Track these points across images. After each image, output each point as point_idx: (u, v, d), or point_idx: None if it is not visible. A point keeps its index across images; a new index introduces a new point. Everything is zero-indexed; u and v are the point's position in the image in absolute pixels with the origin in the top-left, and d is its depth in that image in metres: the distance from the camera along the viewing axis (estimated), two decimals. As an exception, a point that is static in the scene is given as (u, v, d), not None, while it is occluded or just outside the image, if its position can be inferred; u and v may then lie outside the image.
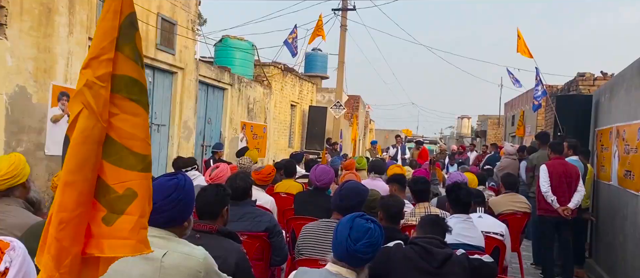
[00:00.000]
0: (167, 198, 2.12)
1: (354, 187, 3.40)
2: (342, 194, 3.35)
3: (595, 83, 9.90)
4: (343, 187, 3.39)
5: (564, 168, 6.11)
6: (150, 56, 8.28)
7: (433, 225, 2.94)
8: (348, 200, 3.31)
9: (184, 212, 2.18)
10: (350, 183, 3.46)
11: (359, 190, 3.41)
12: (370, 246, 2.19)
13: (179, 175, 2.22)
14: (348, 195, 3.33)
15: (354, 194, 3.36)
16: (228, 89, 11.47)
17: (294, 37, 13.63)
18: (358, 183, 3.55)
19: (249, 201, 3.88)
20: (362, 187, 3.49)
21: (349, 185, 3.41)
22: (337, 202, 3.35)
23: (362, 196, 3.41)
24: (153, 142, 8.71)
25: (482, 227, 4.55)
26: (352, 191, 3.36)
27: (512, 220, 6.02)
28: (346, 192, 3.35)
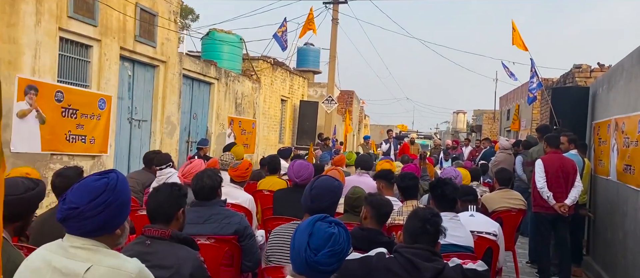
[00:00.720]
0: (93, 202, 1.79)
1: (325, 184, 3.01)
2: (313, 194, 2.97)
3: (592, 75, 9.67)
4: (314, 186, 3.01)
5: (561, 162, 5.85)
6: (129, 48, 7.93)
7: (422, 234, 2.52)
8: (320, 201, 2.95)
9: (114, 217, 1.85)
10: (321, 180, 3.05)
11: (332, 187, 3.02)
12: (334, 256, 1.86)
13: (110, 174, 1.89)
14: (320, 195, 2.96)
15: (327, 192, 2.99)
16: (214, 84, 11.11)
17: (284, 31, 13.27)
18: (330, 178, 3.12)
19: (218, 201, 3.55)
20: (334, 183, 3.09)
21: (320, 182, 3.02)
22: (308, 203, 2.98)
23: (336, 194, 3.04)
24: (134, 138, 8.37)
25: (473, 227, 4.27)
26: (324, 189, 2.98)
27: (507, 218, 5.76)
28: (318, 192, 2.97)
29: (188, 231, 3.39)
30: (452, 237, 3.59)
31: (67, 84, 6.82)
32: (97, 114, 7.19)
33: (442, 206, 3.72)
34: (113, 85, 7.59)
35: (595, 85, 7.77)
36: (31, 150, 6.07)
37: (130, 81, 8.32)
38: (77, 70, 7.11)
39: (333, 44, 16.63)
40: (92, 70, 7.25)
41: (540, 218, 5.97)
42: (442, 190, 3.72)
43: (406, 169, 6.50)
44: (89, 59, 7.24)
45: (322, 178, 3.02)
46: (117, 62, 7.68)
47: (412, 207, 4.55)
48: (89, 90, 7.19)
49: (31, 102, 5.99)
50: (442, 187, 3.74)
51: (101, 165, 7.44)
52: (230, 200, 4.93)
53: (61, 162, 6.62)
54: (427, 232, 2.51)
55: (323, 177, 3.05)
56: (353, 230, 3.48)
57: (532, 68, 9.28)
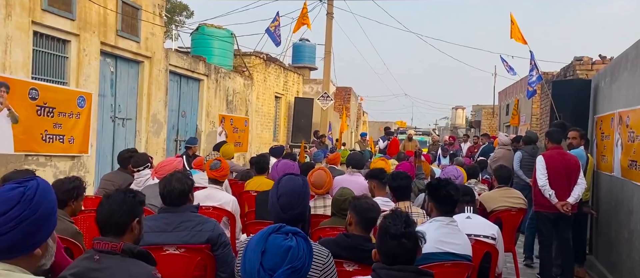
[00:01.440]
0: (5, 216, 1.47)
1: (291, 188, 2.62)
2: (283, 203, 2.61)
3: (594, 67, 9.43)
4: (281, 194, 2.63)
5: (563, 159, 5.60)
6: (110, 43, 7.59)
7: (400, 253, 2.15)
8: (293, 209, 2.60)
9: (31, 235, 1.53)
10: (285, 185, 2.65)
11: (299, 190, 2.64)
12: (294, 273, 1.54)
13: (29, 182, 1.57)
14: (291, 203, 2.59)
15: (296, 197, 2.63)
16: (204, 80, 10.78)
17: (277, 26, 12.93)
18: (293, 178, 2.72)
19: (189, 207, 3.23)
20: (298, 182, 2.69)
21: (285, 188, 2.62)
22: (280, 215, 2.61)
23: (304, 196, 2.66)
24: (118, 137, 8.05)
25: (470, 230, 3.98)
26: (293, 195, 2.60)
27: (506, 217, 5.53)
28: (287, 200, 2.59)
29: (155, 240, 3.10)
30: (449, 245, 3.30)
31: (42, 80, 6.48)
32: (76, 112, 6.86)
33: (443, 210, 3.40)
34: (93, 82, 7.25)
35: (598, 77, 7.54)
36: (2, 151, 5.74)
37: (113, 78, 7.98)
38: (54, 66, 6.77)
39: (328, 38, 16.30)
40: (70, 66, 6.90)
41: (541, 217, 5.73)
42: (447, 191, 3.37)
43: (400, 167, 6.17)
44: (66, 55, 6.90)
45: (286, 182, 2.65)
46: (97, 57, 7.34)
47: (405, 208, 4.27)
48: (67, 87, 6.85)
49: (2, 100, 5.66)
50: (446, 188, 3.39)
51: (82, 166, 7.11)
52: (211, 202, 4.64)
53: (37, 163, 6.30)
54: (405, 250, 2.15)
55: (285, 178, 2.69)
56: (337, 237, 3.19)
57: (531, 60, 9.00)
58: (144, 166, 5.36)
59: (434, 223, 3.37)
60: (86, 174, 7.16)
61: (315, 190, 4.72)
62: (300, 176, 2.66)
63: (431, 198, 3.47)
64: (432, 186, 3.48)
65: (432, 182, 3.54)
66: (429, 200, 3.50)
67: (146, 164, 5.41)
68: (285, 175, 2.69)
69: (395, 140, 14.65)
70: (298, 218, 2.59)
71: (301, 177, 2.66)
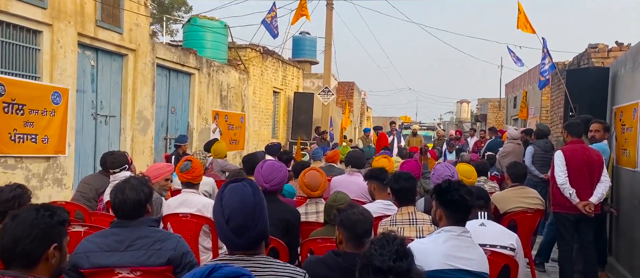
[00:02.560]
0: None
1: (241, 203, 1.94)
2: (233, 225, 1.92)
3: (610, 55, 8.85)
4: (229, 216, 1.93)
5: (584, 154, 5.08)
6: (89, 34, 7.04)
7: None
8: (249, 232, 1.95)
9: None
10: (230, 199, 1.95)
11: (251, 206, 1.96)
12: None
13: None
14: (245, 225, 1.92)
15: (249, 214, 1.95)
16: (195, 74, 10.21)
17: (273, 17, 12.36)
18: (241, 189, 1.99)
19: (146, 220, 2.67)
20: (249, 192, 1.99)
21: (231, 202, 1.94)
22: (233, 240, 1.95)
23: (260, 211, 1.98)
24: (100, 136, 7.53)
25: (485, 239, 3.44)
26: (244, 212, 1.94)
27: (522, 220, 5.04)
28: (240, 222, 1.92)
29: (104, 261, 2.55)
30: (461, 260, 2.74)
31: (10, 75, 5.93)
32: (51, 109, 6.31)
33: (455, 218, 2.82)
34: (70, 77, 6.70)
35: (616, 65, 7.01)
36: (-37, 153, 5.22)
37: (93, 72, 7.43)
38: (24, 59, 6.21)
39: (328, 30, 15.72)
40: (43, 59, 6.35)
41: (561, 219, 5.23)
42: (461, 197, 2.77)
43: (405, 166, 5.63)
44: (38, 47, 6.34)
45: (232, 196, 1.96)
46: (74, 50, 6.78)
47: (408, 214, 3.72)
48: (39, 82, 6.31)
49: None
50: (459, 192, 2.78)
51: (58, 167, 6.57)
52: (187, 209, 4.11)
53: (5, 166, 5.77)
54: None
55: (229, 190, 1.97)
56: (325, 256, 2.67)
57: (544, 48, 8.43)
58: (120, 168, 4.83)
59: (442, 234, 2.81)
60: (64, 176, 6.63)
61: (311, 192, 4.19)
62: (246, 181, 2.03)
63: (440, 203, 2.89)
64: (441, 189, 2.89)
65: (441, 184, 2.96)
66: (437, 206, 2.92)
67: (124, 165, 4.88)
68: (229, 184, 2.01)
69: (382, 135, 14.10)
70: (258, 239, 2.01)
71: (248, 182, 2.03)
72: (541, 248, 6.41)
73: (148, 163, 8.46)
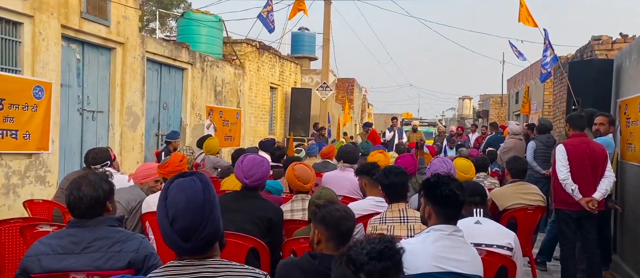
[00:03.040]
0: None
1: (187, 202, 1.70)
2: (179, 227, 1.67)
3: (614, 47, 8.61)
4: (173, 216, 1.68)
5: (588, 148, 4.84)
6: (74, 27, 6.80)
7: None
8: (198, 234, 1.67)
9: None
10: (176, 194, 1.71)
11: (202, 202, 1.72)
12: None
13: None
14: (193, 227, 1.66)
15: (198, 213, 1.70)
16: (188, 69, 9.97)
17: (269, 11, 12.12)
18: (188, 187, 1.73)
19: (105, 219, 2.44)
20: (198, 188, 1.74)
21: (177, 201, 1.69)
22: (176, 242, 1.70)
23: (211, 211, 1.73)
24: (87, 132, 7.31)
25: (480, 238, 3.23)
26: (191, 212, 1.68)
27: (522, 217, 4.84)
28: (186, 223, 1.67)
29: (57, 265, 2.31)
30: (452, 262, 2.53)
31: (-12, 68, 5.72)
32: (33, 104, 6.08)
33: (445, 215, 2.59)
34: (53, 70, 6.46)
35: (621, 56, 6.81)
36: None
37: (79, 66, 7.20)
38: (3, 52, 5.96)
39: (326, 25, 15.49)
40: (24, 52, 6.11)
41: (563, 216, 5.01)
42: (451, 192, 2.54)
43: (400, 160, 5.40)
44: (19, 39, 6.11)
45: (177, 193, 1.71)
46: (58, 42, 6.55)
47: (399, 212, 3.49)
48: (20, 75, 6.07)
49: None
50: (448, 186, 2.56)
51: (41, 164, 6.34)
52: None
53: (-17, 163, 5.56)
54: None
55: (174, 186, 1.70)
56: (301, 258, 2.44)
57: (545, 39, 8.18)
58: (102, 163, 4.61)
59: (432, 233, 2.58)
60: (47, 173, 6.40)
61: (303, 185, 3.96)
62: (195, 176, 1.76)
63: (428, 199, 2.65)
64: (430, 184, 2.65)
65: (429, 178, 2.72)
66: (426, 203, 2.68)
67: (106, 161, 4.65)
68: (175, 180, 1.76)
69: (373, 132, 13.89)
70: (209, 242, 1.75)
71: (198, 177, 1.76)
72: (543, 246, 6.21)
73: (138, 160, 8.24)
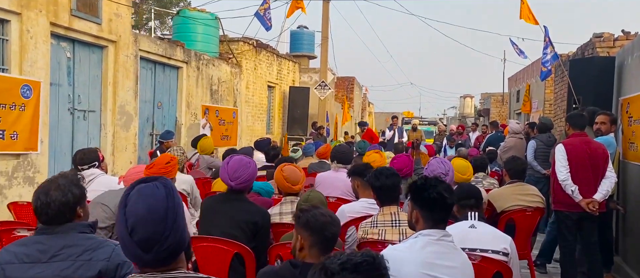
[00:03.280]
0: None
1: (147, 210, 1.54)
2: (139, 238, 1.52)
3: (616, 44, 8.47)
4: (131, 221, 1.53)
5: (588, 147, 4.71)
6: (63, 24, 6.66)
7: None
8: (160, 245, 1.50)
9: None
10: (136, 202, 1.56)
11: (165, 210, 1.56)
12: None
13: None
14: (155, 237, 1.52)
15: (160, 222, 1.54)
16: (183, 67, 9.83)
17: (266, 8, 12.00)
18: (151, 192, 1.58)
19: (75, 226, 2.30)
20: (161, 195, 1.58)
21: (137, 209, 1.54)
22: (136, 253, 1.55)
23: (174, 220, 1.57)
24: (78, 132, 7.18)
25: (475, 243, 3.10)
26: (152, 221, 1.53)
27: (521, 219, 4.72)
28: (147, 231, 1.52)
29: (21, 275, 2.18)
30: (440, 269, 2.42)
31: (-27, 66, 5.59)
32: (20, 103, 5.95)
33: (433, 219, 2.47)
34: (42, 69, 6.33)
35: (623, 54, 6.68)
36: None
37: (69, 64, 7.06)
38: (-11, 50, 5.87)
39: (325, 23, 15.36)
40: (11, 50, 5.97)
41: (562, 218, 4.88)
42: (439, 194, 2.43)
43: (396, 160, 5.28)
44: (5, 37, 5.97)
45: (138, 200, 1.56)
46: (47, 40, 6.42)
47: (391, 215, 3.36)
48: (6, 74, 5.93)
49: None
50: (436, 189, 2.44)
51: (29, 165, 6.22)
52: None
53: (-33, 164, 5.43)
54: None
55: (135, 193, 1.52)
56: (281, 267, 2.31)
57: (546, 37, 8.05)
58: (90, 164, 4.46)
59: (420, 239, 2.45)
60: (36, 174, 6.28)
61: (292, 187, 3.83)
62: (159, 181, 1.60)
63: (415, 203, 2.53)
64: (416, 187, 2.53)
65: (416, 181, 2.59)
66: (413, 207, 2.55)
67: (94, 162, 4.50)
68: (136, 186, 1.61)
69: (368, 130, 13.71)
70: (173, 252, 1.60)
71: (161, 182, 1.60)
72: (543, 248, 6.08)
73: (131, 161, 8.11)
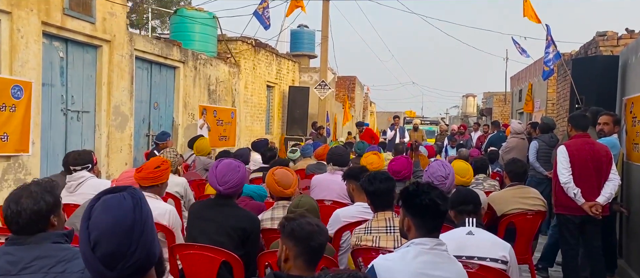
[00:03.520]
0: None
1: (113, 224, 1.40)
2: (102, 253, 1.30)
3: (620, 43, 8.31)
4: (95, 234, 1.38)
5: (591, 149, 4.58)
6: (56, 24, 6.55)
7: None
8: (124, 260, 1.39)
9: None
10: (100, 214, 1.42)
11: (130, 224, 1.41)
12: None
13: None
14: (119, 252, 1.35)
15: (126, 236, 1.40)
16: (180, 67, 9.71)
17: (265, 7, 11.85)
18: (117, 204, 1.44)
19: (49, 235, 2.17)
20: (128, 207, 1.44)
21: (101, 222, 1.39)
22: (99, 270, 1.39)
23: (141, 234, 1.43)
24: (72, 133, 7.06)
25: (472, 251, 2.97)
26: (117, 235, 1.38)
27: (521, 223, 4.58)
28: (110, 246, 1.31)
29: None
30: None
31: (-39, 67, 5.48)
32: (11, 104, 5.84)
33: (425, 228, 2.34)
34: (33, 69, 6.22)
35: (627, 52, 6.53)
36: None
37: (62, 64, 6.95)
38: (-22, 50, 5.76)
39: (325, 22, 15.20)
40: (1, 50, 5.85)
41: (564, 221, 4.74)
42: (431, 201, 2.31)
43: (394, 163, 5.15)
44: (-5, 37, 5.89)
45: (102, 212, 1.42)
46: (38, 40, 6.31)
47: (385, 221, 3.23)
48: (-4, 75, 5.85)
49: None
50: (429, 195, 2.32)
51: (20, 167, 6.11)
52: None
53: (-44, 166, 5.32)
54: None
55: (100, 205, 1.39)
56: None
57: (548, 35, 7.90)
58: (83, 166, 4.33)
59: (412, 248, 2.32)
60: (27, 177, 6.16)
61: (283, 190, 3.70)
62: (128, 191, 1.45)
63: (407, 211, 2.39)
64: (408, 193, 2.39)
65: (407, 187, 2.45)
66: (405, 214, 2.42)
67: (87, 165, 4.37)
68: (102, 197, 1.47)
69: (368, 130, 13.56)
70: (140, 268, 1.45)
71: (129, 193, 1.45)
72: (544, 251, 5.94)
73: (127, 162, 8.00)
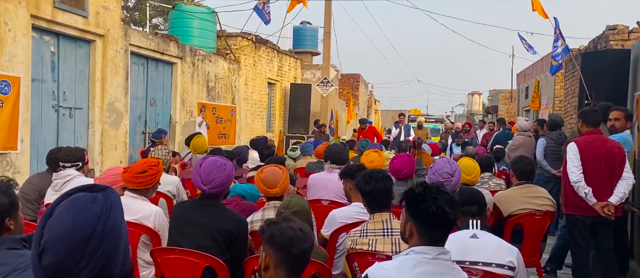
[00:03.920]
0: None
1: (68, 230, 1.15)
2: (49, 262, 1.07)
3: (631, 36, 8.01)
4: (45, 240, 1.09)
5: (603, 146, 4.34)
6: (46, 17, 6.34)
7: None
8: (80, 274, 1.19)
9: None
10: (60, 217, 1.17)
11: (91, 232, 1.17)
12: None
13: None
14: (72, 265, 1.14)
15: (81, 246, 1.09)
16: (177, 63, 9.49)
17: (265, 2, 11.63)
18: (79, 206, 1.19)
19: (3, 241, 1.95)
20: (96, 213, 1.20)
21: (57, 226, 1.15)
22: None
23: (102, 243, 1.16)
24: (64, 130, 6.86)
25: (476, 256, 2.74)
26: (73, 244, 1.06)
27: (529, 224, 4.34)
28: (59, 257, 1.05)
29: None
30: None
31: (-55, 61, 5.28)
32: (-2, 100, 5.66)
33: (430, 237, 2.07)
34: (22, 64, 6.02)
35: (638, 46, 6.24)
36: None
37: (54, 59, 6.74)
38: (-37, 44, 5.56)
39: (327, 18, 14.96)
40: (-13, 44, 5.70)
41: (575, 222, 4.51)
42: (439, 208, 2.02)
43: (395, 161, 4.90)
44: (-19, 30, 5.69)
45: (62, 214, 1.13)
46: (27, 34, 6.10)
47: (382, 223, 2.99)
48: (-18, 69, 5.65)
49: None
50: (436, 201, 2.02)
51: (9, 165, 5.91)
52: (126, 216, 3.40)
53: (-61, 164, 5.12)
54: None
55: (60, 208, 1.20)
56: None
57: (556, 29, 7.63)
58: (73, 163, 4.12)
59: (411, 257, 2.06)
60: (16, 175, 5.96)
61: (268, 190, 3.46)
62: (103, 193, 1.23)
63: (411, 216, 2.12)
64: (413, 196, 2.11)
65: (413, 189, 2.17)
66: (408, 218, 2.15)
67: (77, 163, 4.16)
68: (71, 195, 1.24)
69: (371, 128, 13.29)
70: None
71: (103, 195, 1.23)
72: (553, 253, 5.67)
73: (121, 160, 7.79)
